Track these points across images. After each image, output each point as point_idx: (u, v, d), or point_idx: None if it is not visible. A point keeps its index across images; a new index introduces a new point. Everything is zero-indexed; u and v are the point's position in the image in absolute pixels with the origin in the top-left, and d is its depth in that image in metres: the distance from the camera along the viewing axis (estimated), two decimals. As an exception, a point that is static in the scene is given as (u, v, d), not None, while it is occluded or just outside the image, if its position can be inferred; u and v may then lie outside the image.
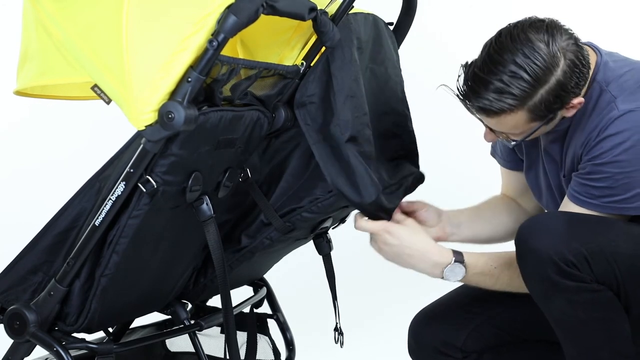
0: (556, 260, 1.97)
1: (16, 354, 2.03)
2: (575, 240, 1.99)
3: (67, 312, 1.96)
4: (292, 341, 2.55)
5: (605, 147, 2.07)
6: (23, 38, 1.93)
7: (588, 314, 2.01)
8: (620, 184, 2.06)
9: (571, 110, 2.09)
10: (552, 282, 1.99)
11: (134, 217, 1.88)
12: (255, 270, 2.45)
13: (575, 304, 2.01)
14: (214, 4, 1.75)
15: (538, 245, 2.00)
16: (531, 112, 2.03)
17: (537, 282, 2.04)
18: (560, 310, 2.03)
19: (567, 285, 1.99)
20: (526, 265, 2.04)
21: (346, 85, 2.09)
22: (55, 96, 2.13)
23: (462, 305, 2.38)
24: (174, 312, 2.25)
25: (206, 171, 1.94)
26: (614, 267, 2.00)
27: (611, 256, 2.00)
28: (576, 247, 1.98)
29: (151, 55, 1.74)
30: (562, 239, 1.99)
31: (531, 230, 2.03)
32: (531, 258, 2.02)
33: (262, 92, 2.04)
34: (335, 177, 2.08)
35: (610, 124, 2.06)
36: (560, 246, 1.98)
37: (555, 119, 2.10)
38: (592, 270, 1.99)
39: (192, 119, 1.75)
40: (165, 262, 2.08)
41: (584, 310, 2.01)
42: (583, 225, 2.04)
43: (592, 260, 1.98)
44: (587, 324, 2.03)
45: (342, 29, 2.09)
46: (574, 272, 1.98)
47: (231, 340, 2.04)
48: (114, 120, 2.12)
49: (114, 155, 2.00)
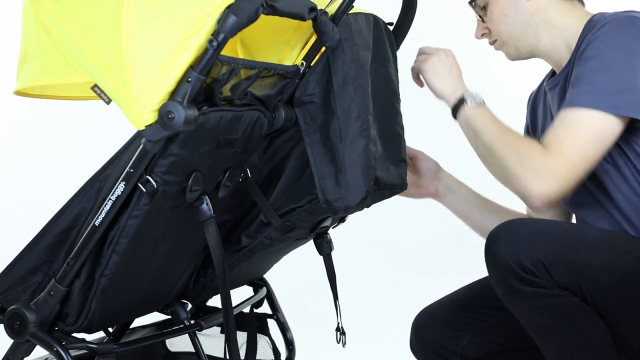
0: (514, 267, 1.98)
1: (16, 354, 2.02)
2: (536, 249, 1.99)
3: (67, 312, 1.96)
4: (292, 341, 2.55)
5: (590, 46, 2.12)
6: (23, 38, 1.93)
7: (554, 319, 2.01)
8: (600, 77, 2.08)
9: None
10: (512, 288, 2.00)
11: (134, 217, 1.88)
12: (255, 270, 2.46)
13: (538, 310, 2.00)
14: (214, 4, 1.75)
15: (499, 251, 2.01)
16: None
17: (501, 288, 2.05)
18: (526, 316, 2.04)
19: (526, 291, 1.99)
20: (491, 270, 2.06)
21: (347, 85, 2.09)
22: (55, 96, 2.13)
23: (465, 309, 2.38)
24: (174, 312, 2.25)
25: (206, 171, 1.94)
26: (575, 276, 1.99)
27: (572, 265, 1.99)
28: (536, 255, 1.98)
29: (151, 55, 1.74)
30: (523, 246, 1.99)
31: (496, 236, 2.04)
32: (493, 264, 2.03)
33: (262, 92, 2.04)
34: (324, 180, 2.08)
35: (599, 28, 2.13)
36: (520, 254, 1.98)
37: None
38: (551, 276, 1.98)
39: (192, 119, 1.75)
40: (165, 262, 2.08)
41: (549, 316, 2.01)
42: (549, 233, 2.04)
43: (551, 267, 1.98)
44: (557, 329, 2.02)
45: (342, 29, 2.09)
46: (532, 278, 1.98)
47: (231, 340, 2.04)
48: (114, 120, 2.12)
49: (114, 155, 2.00)
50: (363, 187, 2.08)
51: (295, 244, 2.40)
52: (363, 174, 2.09)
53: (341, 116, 2.08)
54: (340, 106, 2.08)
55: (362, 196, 2.09)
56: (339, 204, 2.08)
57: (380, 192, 2.22)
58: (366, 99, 2.13)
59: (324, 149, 2.09)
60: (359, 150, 2.09)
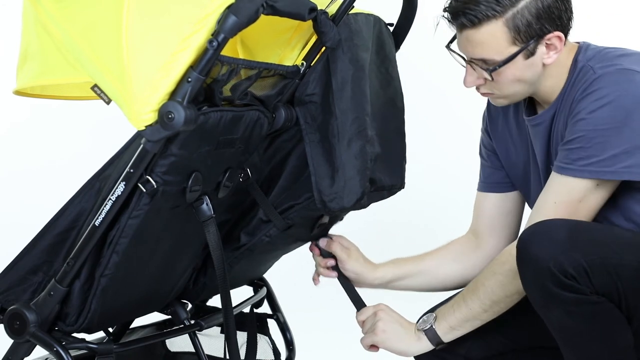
0: (555, 272, 1.94)
1: (16, 354, 2.03)
2: (575, 251, 1.95)
3: (67, 312, 1.96)
4: (292, 341, 2.55)
5: (582, 106, 2.07)
6: (23, 38, 1.93)
7: (588, 325, 1.98)
8: (595, 144, 2.04)
9: (551, 55, 2.10)
10: (550, 293, 1.96)
11: (134, 217, 1.88)
12: (254, 269, 2.45)
13: (574, 315, 1.97)
14: (214, 4, 1.75)
15: (538, 254, 1.96)
16: (511, 29, 2.05)
17: (535, 291, 2.01)
18: (559, 321, 2.00)
19: (565, 297, 1.95)
20: (525, 273, 2.01)
21: (345, 86, 2.10)
22: (55, 96, 2.13)
23: None
24: (174, 312, 2.25)
25: (206, 171, 1.94)
26: (615, 279, 1.96)
27: (613, 268, 1.96)
28: (576, 258, 1.94)
29: (151, 55, 1.74)
30: (562, 248, 1.95)
31: (532, 237, 2.00)
32: (530, 267, 1.99)
33: (262, 92, 2.04)
34: (320, 179, 2.08)
35: (588, 85, 2.07)
36: (560, 257, 1.94)
37: (535, 56, 2.10)
38: (591, 282, 1.95)
39: (192, 119, 1.75)
40: (165, 262, 2.08)
41: (584, 322, 1.98)
42: (586, 234, 2.01)
43: (592, 272, 1.94)
44: (587, 335, 1.99)
45: (342, 29, 2.09)
46: (573, 284, 1.94)
47: (231, 340, 2.04)
48: (114, 120, 2.12)
49: (114, 155, 2.00)
50: (359, 187, 2.09)
51: (295, 245, 2.40)
52: (359, 175, 2.09)
53: (339, 117, 2.09)
54: (338, 106, 2.09)
55: (358, 197, 2.09)
56: (334, 204, 2.09)
57: (379, 192, 2.22)
58: (364, 100, 2.13)
59: (322, 149, 2.09)
60: (356, 151, 2.09)
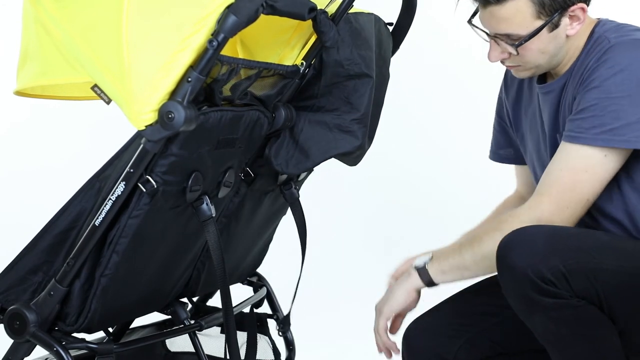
0: (533, 279, 1.94)
1: (16, 354, 2.02)
2: (554, 257, 1.95)
3: (67, 312, 1.96)
4: (292, 341, 2.55)
5: (595, 75, 2.07)
6: (23, 38, 1.93)
7: (571, 330, 1.98)
8: (608, 112, 2.04)
9: (574, 26, 2.12)
10: (531, 300, 1.96)
11: (134, 217, 1.88)
12: (245, 256, 2.42)
13: (556, 320, 1.98)
14: (214, 4, 1.75)
15: (516, 262, 1.96)
16: (536, 3, 2.08)
17: (516, 299, 2.01)
18: (543, 327, 2.00)
19: (546, 303, 1.96)
20: (505, 282, 2.01)
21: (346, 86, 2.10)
22: (55, 96, 2.13)
23: (455, 316, 2.32)
24: (174, 312, 2.25)
25: (206, 171, 1.94)
26: (593, 283, 1.96)
27: (592, 272, 1.97)
28: (555, 264, 1.95)
29: (151, 55, 1.74)
30: (540, 255, 1.95)
31: (510, 245, 2.00)
32: (510, 275, 1.99)
33: (262, 92, 2.04)
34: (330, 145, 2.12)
35: (602, 54, 2.08)
36: (538, 264, 1.95)
37: (559, 28, 2.11)
38: (570, 286, 1.95)
39: (192, 119, 1.75)
40: (165, 262, 2.08)
41: (567, 326, 1.98)
42: (564, 241, 2.01)
43: (570, 277, 1.95)
44: (572, 339, 1.99)
45: (342, 28, 2.10)
46: (552, 289, 1.95)
47: (231, 340, 2.04)
48: (113, 120, 2.12)
49: (114, 155, 2.00)
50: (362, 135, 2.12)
51: (270, 209, 2.36)
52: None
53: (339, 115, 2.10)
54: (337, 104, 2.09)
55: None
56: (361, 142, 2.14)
57: None
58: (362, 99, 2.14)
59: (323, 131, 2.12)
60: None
